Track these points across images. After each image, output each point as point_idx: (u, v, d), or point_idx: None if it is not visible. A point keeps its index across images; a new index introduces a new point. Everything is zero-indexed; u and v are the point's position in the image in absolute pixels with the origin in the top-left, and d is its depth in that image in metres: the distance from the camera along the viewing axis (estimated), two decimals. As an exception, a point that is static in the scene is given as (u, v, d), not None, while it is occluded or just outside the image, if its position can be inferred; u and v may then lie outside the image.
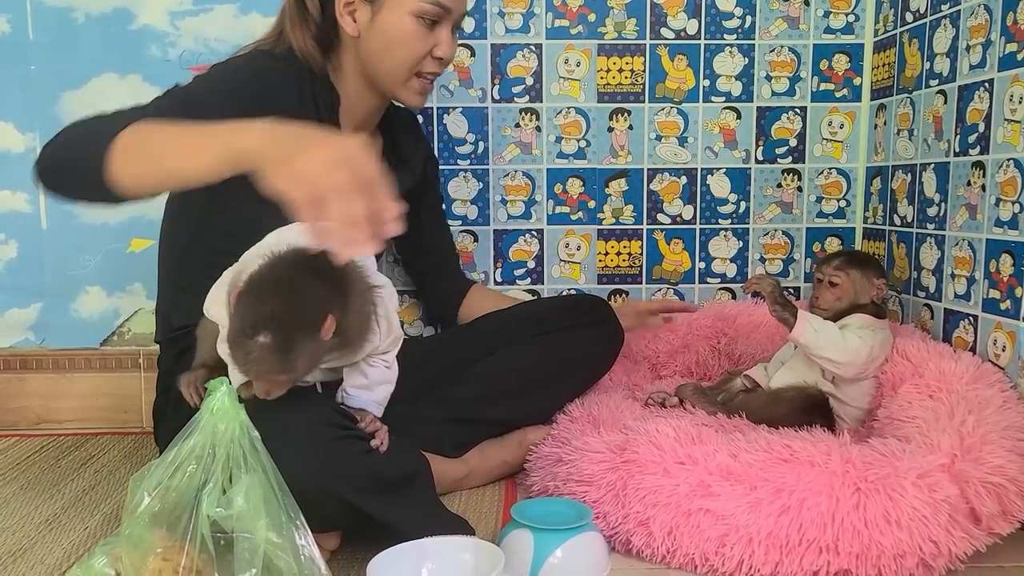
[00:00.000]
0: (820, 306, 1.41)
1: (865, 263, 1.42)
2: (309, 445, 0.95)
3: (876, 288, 1.39)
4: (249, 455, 0.85)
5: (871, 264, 1.42)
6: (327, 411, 1.01)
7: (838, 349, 1.33)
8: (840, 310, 1.40)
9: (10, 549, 1.15)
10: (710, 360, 1.73)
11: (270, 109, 1.14)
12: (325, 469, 0.96)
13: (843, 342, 1.33)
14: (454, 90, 1.76)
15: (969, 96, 1.39)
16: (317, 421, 0.98)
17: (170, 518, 0.85)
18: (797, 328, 1.33)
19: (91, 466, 1.50)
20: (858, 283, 1.40)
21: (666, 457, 1.14)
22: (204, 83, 1.19)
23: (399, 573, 0.96)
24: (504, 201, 1.80)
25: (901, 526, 1.03)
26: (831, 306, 1.40)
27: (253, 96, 1.17)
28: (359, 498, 1.00)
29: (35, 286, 1.75)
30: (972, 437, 1.11)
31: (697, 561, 1.08)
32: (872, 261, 1.45)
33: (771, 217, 1.82)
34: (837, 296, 1.40)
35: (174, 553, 0.83)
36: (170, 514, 0.85)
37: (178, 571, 0.82)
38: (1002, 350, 1.31)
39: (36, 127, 1.71)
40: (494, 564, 0.95)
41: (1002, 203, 1.31)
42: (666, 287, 1.83)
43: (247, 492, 0.83)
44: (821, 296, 1.42)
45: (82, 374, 1.76)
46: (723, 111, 1.78)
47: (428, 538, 1.01)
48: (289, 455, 0.89)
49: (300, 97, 1.25)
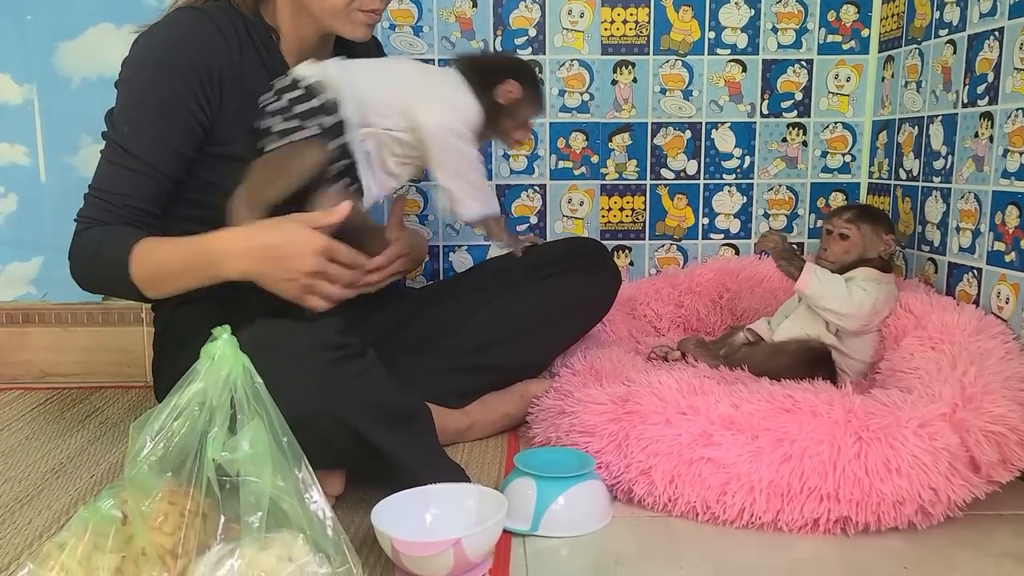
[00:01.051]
0: (828, 258, 1.41)
1: (876, 218, 1.41)
2: (305, 370, 0.96)
3: (885, 244, 1.39)
4: (252, 400, 0.85)
5: (882, 219, 1.42)
6: (321, 335, 1.02)
7: (842, 301, 1.33)
8: (847, 263, 1.39)
9: (17, 496, 1.17)
10: (712, 316, 1.74)
11: (209, 70, 1.18)
12: (322, 392, 0.96)
13: (847, 294, 1.33)
14: (456, 41, 1.73)
15: (979, 45, 1.37)
16: (311, 345, 0.99)
17: (174, 463, 0.85)
18: (802, 279, 1.33)
19: (95, 418, 1.51)
20: (868, 237, 1.39)
21: (668, 408, 1.15)
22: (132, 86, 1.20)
23: (404, 517, 0.97)
24: (506, 156, 1.78)
25: (901, 474, 1.04)
26: (839, 259, 1.40)
27: (186, 64, 1.17)
28: (358, 420, 1.00)
29: (36, 240, 1.74)
30: (974, 387, 1.11)
31: (699, 509, 1.09)
32: (883, 216, 1.44)
33: (776, 172, 1.80)
34: (846, 249, 1.40)
35: (179, 497, 0.84)
36: (174, 459, 0.85)
37: (184, 514, 0.83)
38: (1005, 302, 1.30)
39: (34, 78, 1.69)
40: (498, 510, 0.96)
41: (1010, 154, 1.29)
42: (669, 243, 1.82)
43: (252, 437, 0.83)
44: (830, 248, 1.41)
45: (84, 328, 1.77)
46: (728, 64, 1.76)
47: (432, 484, 1.02)
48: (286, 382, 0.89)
49: (237, 45, 1.21)
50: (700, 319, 1.73)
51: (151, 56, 1.20)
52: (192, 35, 1.19)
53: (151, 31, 1.21)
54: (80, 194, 1.69)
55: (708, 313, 1.73)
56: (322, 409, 0.95)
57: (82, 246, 1.19)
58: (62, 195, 1.73)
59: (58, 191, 1.73)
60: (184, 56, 1.18)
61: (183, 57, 1.18)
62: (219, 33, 1.20)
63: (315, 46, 1.29)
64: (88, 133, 1.71)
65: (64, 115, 1.71)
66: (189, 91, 1.17)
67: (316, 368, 0.98)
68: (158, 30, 1.21)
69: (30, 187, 1.73)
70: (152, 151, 1.18)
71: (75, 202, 1.72)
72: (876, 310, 1.34)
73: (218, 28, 1.20)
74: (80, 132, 1.71)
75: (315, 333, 1.02)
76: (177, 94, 1.17)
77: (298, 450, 0.86)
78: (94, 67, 1.69)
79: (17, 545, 1.02)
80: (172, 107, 1.17)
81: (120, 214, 1.18)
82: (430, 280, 1.80)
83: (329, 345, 1.01)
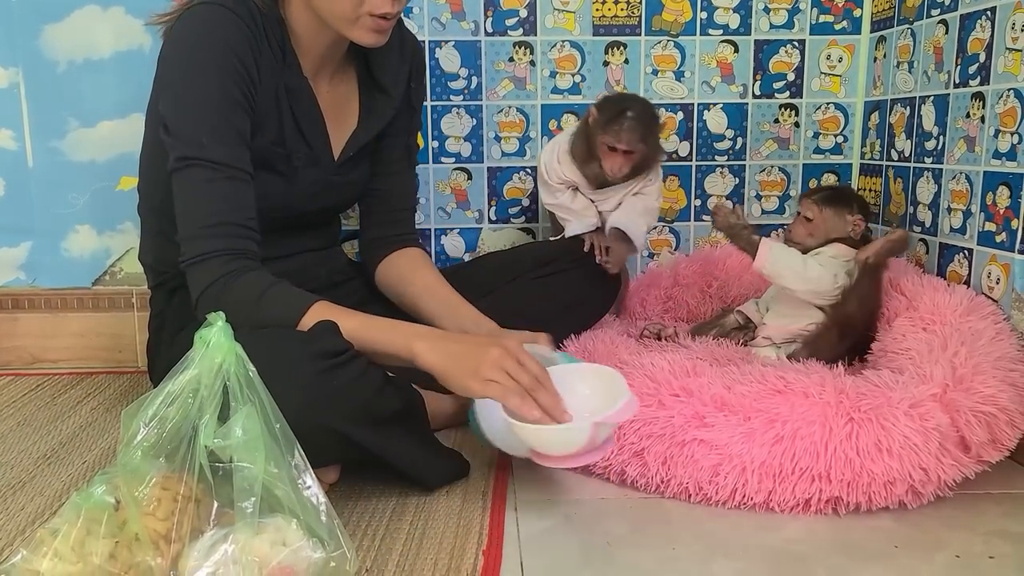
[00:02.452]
0: (792, 239, 1.42)
1: (841, 201, 1.40)
2: (297, 379, 0.95)
3: (850, 225, 1.38)
4: (245, 387, 0.85)
5: (847, 202, 1.40)
6: (313, 344, 1.00)
7: (797, 278, 1.34)
8: (813, 246, 1.39)
9: (10, 482, 1.16)
10: (702, 307, 1.71)
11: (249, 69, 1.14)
12: (315, 401, 0.96)
13: (803, 270, 1.33)
14: (446, 23, 1.72)
15: (971, 25, 1.37)
16: (303, 355, 0.98)
17: (167, 449, 0.85)
18: (759, 257, 1.34)
19: (87, 404, 1.51)
20: (830, 220, 1.39)
21: (661, 389, 1.15)
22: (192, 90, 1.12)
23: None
24: (498, 138, 1.77)
25: (892, 454, 1.04)
26: (803, 240, 1.40)
27: (237, 64, 1.12)
28: (350, 429, 1.00)
29: (24, 225, 1.73)
30: (964, 368, 1.12)
31: (691, 490, 1.10)
32: (851, 199, 1.42)
33: (768, 153, 1.80)
34: (809, 231, 1.40)
35: (172, 483, 0.84)
36: (167, 445, 0.85)
37: (177, 500, 0.83)
38: (996, 283, 1.31)
39: (19, 61, 1.67)
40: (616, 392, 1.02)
41: (1001, 134, 1.29)
42: (662, 225, 1.82)
43: (245, 423, 0.83)
44: (793, 229, 1.42)
45: (75, 314, 1.76)
46: (720, 44, 1.75)
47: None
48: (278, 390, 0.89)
49: (255, 42, 1.16)
50: (690, 311, 1.71)
51: (193, 54, 1.13)
52: (234, 34, 1.14)
53: (187, 30, 1.14)
54: (69, 178, 1.70)
55: (698, 304, 1.71)
56: (313, 418, 0.95)
57: (238, 290, 1.08)
58: (50, 179, 1.72)
59: (46, 175, 1.71)
60: (234, 54, 1.12)
61: (224, 49, 1.12)
62: (247, 29, 1.15)
63: (334, 46, 1.24)
64: (75, 117, 1.69)
65: (51, 99, 1.69)
66: (243, 82, 1.13)
67: (308, 377, 0.96)
68: (195, 28, 1.14)
69: (17, 172, 1.71)
70: (238, 153, 1.12)
71: (63, 188, 1.72)
72: (839, 284, 1.34)
73: (245, 23, 1.15)
74: (67, 116, 1.69)
75: (309, 341, 1.01)
76: (237, 87, 1.12)
77: (291, 436, 0.86)
78: (80, 50, 1.67)
79: (10, 531, 1.02)
80: (235, 103, 1.12)
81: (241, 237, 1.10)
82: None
83: (322, 353, 0.99)
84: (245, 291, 1.08)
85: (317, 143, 1.27)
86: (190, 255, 1.10)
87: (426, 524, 1.03)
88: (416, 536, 1.00)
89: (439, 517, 1.05)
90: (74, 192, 1.72)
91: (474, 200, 1.79)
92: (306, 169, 1.26)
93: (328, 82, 1.29)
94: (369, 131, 1.32)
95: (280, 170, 1.23)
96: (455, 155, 1.77)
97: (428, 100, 1.73)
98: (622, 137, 1.41)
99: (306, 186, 1.27)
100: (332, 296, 1.37)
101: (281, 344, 0.99)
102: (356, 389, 1.01)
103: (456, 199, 1.79)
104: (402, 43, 1.35)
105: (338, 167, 1.31)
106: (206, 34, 1.13)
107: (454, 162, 1.78)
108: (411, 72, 1.37)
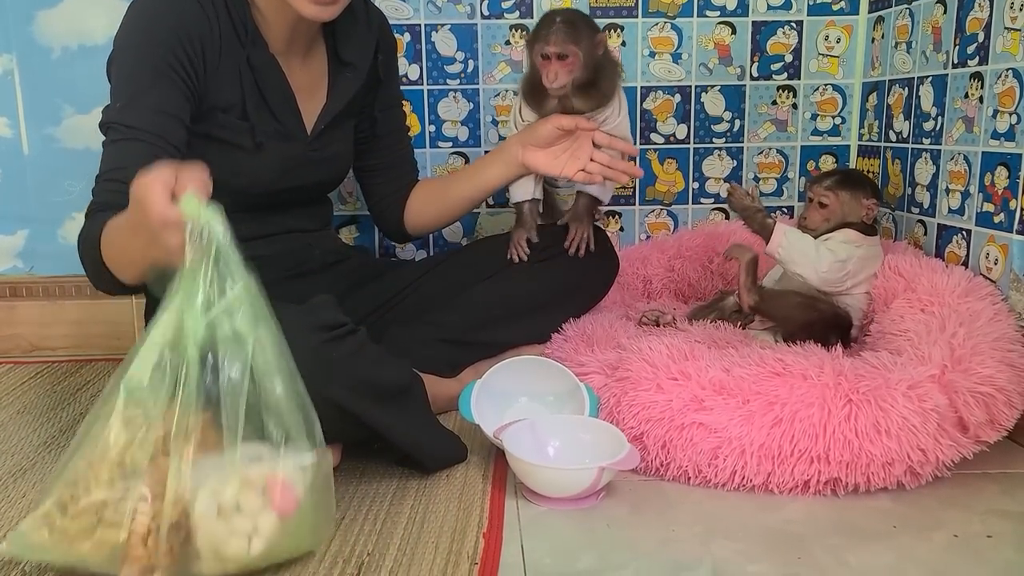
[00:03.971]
0: (808, 225, 1.41)
1: (856, 184, 1.40)
2: (296, 351, 0.96)
3: (865, 208, 1.39)
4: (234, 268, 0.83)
5: (862, 185, 1.41)
6: (314, 315, 1.01)
7: (809, 265, 1.34)
8: (828, 230, 1.39)
9: (10, 470, 1.16)
10: (703, 281, 1.73)
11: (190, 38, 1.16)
12: (313, 373, 0.96)
13: (816, 258, 1.33)
14: (442, 6, 1.71)
15: (969, 5, 1.36)
16: (302, 327, 0.98)
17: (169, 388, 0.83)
18: (772, 241, 1.34)
19: (87, 391, 1.51)
20: (847, 204, 1.39)
21: (659, 373, 1.15)
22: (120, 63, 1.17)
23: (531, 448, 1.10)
24: (495, 122, 1.77)
25: (891, 435, 1.05)
26: (818, 226, 1.40)
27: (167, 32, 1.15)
28: (350, 401, 1.00)
29: (20, 212, 1.73)
30: (962, 348, 1.12)
31: (690, 473, 1.10)
32: (864, 182, 1.43)
33: (765, 135, 1.80)
34: (825, 216, 1.40)
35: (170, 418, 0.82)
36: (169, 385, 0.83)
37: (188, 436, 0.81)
38: (994, 263, 1.31)
39: (12, 48, 1.66)
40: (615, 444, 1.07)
41: (999, 115, 1.29)
42: (659, 208, 1.82)
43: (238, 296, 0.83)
44: (809, 216, 1.41)
45: (73, 301, 1.76)
46: (718, 26, 1.74)
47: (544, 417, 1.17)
48: None
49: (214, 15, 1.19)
50: (691, 284, 1.73)
51: (135, 28, 1.18)
52: (182, 9, 1.17)
53: (133, 5, 1.19)
54: (65, 166, 1.69)
55: (699, 278, 1.73)
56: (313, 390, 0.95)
57: (81, 235, 1.10)
58: (46, 167, 1.71)
59: (41, 163, 1.71)
60: (165, 24, 1.16)
61: (163, 25, 1.16)
62: (198, 5, 1.18)
63: (293, 24, 1.25)
64: (70, 103, 1.68)
65: (46, 85, 1.68)
66: (175, 58, 1.15)
67: (307, 349, 0.96)
68: (139, 3, 1.19)
69: (13, 159, 1.70)
70: (154, 120, 1.13)
71: (59, 175, 1.72)
72: (849, 271, 1.35)
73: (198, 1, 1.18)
74: (62, 103, 1.68)
75: (308, 313, 1.02)
76: (165, 62, 1.15)
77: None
78: (75, 36, 1.66)
79: (12, 518, 1.02)
80: (162, 75, 1.15)
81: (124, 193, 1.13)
82: (420, 250, 1.79)
83: (322, 325, 1.00)
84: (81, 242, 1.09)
85: (288, 119, 1.29)
86: (89, 209, 1.12)
87: (427, 508, 1.03)
88: (417, 520, 1.00)
89: (440, 501, 1.05)
90: (70, 179, 1.72)
91: (472, 184, 1.78)
92: (275, 144, 1.28)
93: (301, 60, 1.31)
94: (336, 103, 1.34)
95: (244, 145, 1.25)
96: (452, 139, 1.77)
97: (424, 84, 1.73)
98: (550, 39, 1.32)
99: (278, 161, 1.29)
100: (327, 277, 1.39)
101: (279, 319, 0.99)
102: (354, 361, 1.02)
103: (454, 184, 1.78)
104: (368, 18, 1.38)
105: (312, 142, 1.33)
106: (151, 7, 1.18)
107: (451, 146, 1.77)
108: (378, 45, 1.40)
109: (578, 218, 1.46)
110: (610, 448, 1.07)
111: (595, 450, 1.09)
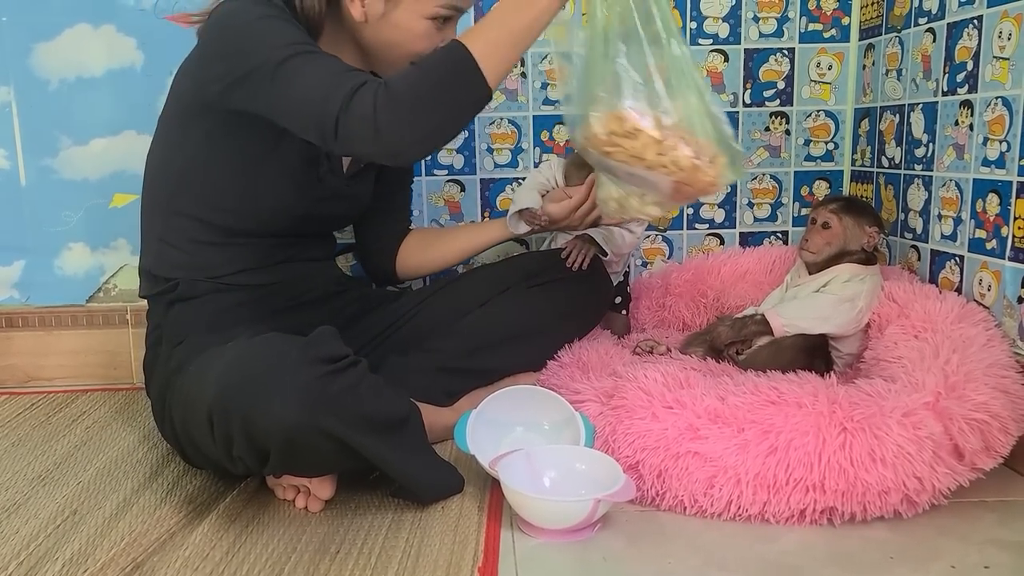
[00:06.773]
0: (809, 249, 1.41)
1: (861, 211, 1.42)
2: (296, 383, 0.96)
3: (868, 236, 1.39)
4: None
5: (866, 212, 1.42)
6: (314, 348, 1.01)
7: (817, 321, 1.36)
8: (829, 256, 1.40)
9: (4, 505, 1.16)
10: (696, 319, 1.70)
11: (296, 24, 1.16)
12: (314, 406, 0.96)
13: (818, 312, 1.35)
14: (437, 36, 1.72)
15: (958, 34, 1.38)
16: (301, 360, 0.99)
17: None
18: (775, 330, 1.37)
19: (82, 422, 1.50)
20: (850, 230, 1.40)
21: (654, 402, 1.15)
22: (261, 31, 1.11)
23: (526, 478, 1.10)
24: (490, 149, 1.78)
25: (886, 463, 1.05)
26: (819, 250, 1.40)
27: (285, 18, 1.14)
28: (348, 434, 1.00)
29: (17, 243, 1.73)
30: (956, 375, 1.12)
31: (686, 503, 1.10)
32: (868, 209, 1.45)
33: (759, 161, 1.81)
34: (827, 240, 1.40)
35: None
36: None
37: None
38: (987, 289, 1.31)
39: (11, 80, 1.67)
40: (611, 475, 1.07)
41: (989, 142, 1.30)
42: (654, 234, 1.82)
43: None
44: (811, 239, 1.42)
45: (69, 331, 1.76)
46: (710, 54, 1.76)
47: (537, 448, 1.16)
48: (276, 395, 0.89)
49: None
50: (685, 322, 1.71)
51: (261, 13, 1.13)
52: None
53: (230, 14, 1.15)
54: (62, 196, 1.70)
55: (692, 315, 1.70)
56: (309, 424, 0.95)
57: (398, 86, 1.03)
58: (42, 197, 1.71)
59: (38, 193, 1.71)
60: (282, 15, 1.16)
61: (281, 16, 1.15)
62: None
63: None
64: (68, 135, 1.69)
65: (43, 117, 1.69)
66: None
67: (305, 383, 0.97)
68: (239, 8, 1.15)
69: (10, 190, 1.71)
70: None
71: (56, 206, 1.72)
72: (861, 308, 1.36)
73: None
74: (59, 134, 1.69)
75: (308, 346, 1.01)
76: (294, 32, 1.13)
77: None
78: (72, 68, 1.67)
79: (5, 555, 1.01)
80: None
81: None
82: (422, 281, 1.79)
83: (321, 359, 1.00)
84: (404, 81, 1.04)
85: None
86: (336, 106, 1.02)
87: (422, 541, 1.03)
88: (412, 553, 1.00)
89: (435, 533, 1.05)
90: (67, 210, 1.72)
91: (468, 212, 1.79)
92: (327, 176, 1.31)
93: None
94: None
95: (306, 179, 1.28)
96: (448, 167, 1.78)
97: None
98: None
99: (319, 191, 1.31)
100: (328, 307, 1.39)
101: (280, 349, 1.00)
102: (354, 394, 1.02)
103: (450, 211, 1.79)
104: None
105: (348, 179, 1.36)
106: (253, 7, 1.14)
107: (447, 174, 1.78)
108: None
109: (580, 238, 1.49)
110: (606, 478, 1.07)
111: (591, 480, 1.09)
